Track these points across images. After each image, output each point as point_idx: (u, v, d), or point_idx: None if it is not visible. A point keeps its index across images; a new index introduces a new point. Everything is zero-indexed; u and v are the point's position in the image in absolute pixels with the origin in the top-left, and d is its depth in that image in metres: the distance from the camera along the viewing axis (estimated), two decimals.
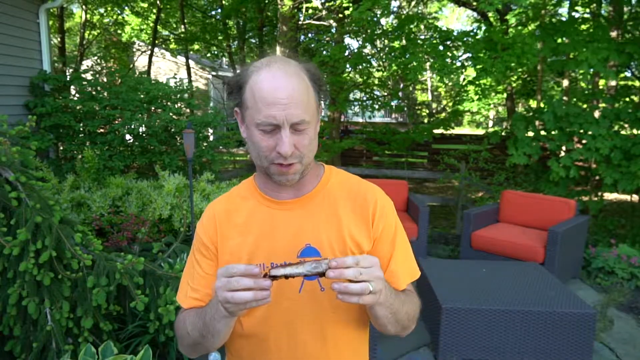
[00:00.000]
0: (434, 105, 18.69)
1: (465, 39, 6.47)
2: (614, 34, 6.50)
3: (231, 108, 1.07)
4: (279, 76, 0.94)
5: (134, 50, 17.23)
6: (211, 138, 6.27)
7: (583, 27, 5.90)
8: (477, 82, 6.37)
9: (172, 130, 5.29)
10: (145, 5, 14.09)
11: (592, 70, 5.06)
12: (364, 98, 10.32)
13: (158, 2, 13.16)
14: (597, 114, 5.51)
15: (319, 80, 1.03)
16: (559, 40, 5.65)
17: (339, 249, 1.03)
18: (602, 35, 5.51)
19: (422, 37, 8.30)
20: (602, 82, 7.53)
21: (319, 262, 0.83)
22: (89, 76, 5.65)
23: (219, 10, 14.41)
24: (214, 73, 17.96)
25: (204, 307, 0.99)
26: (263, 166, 1.00)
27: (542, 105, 7.88)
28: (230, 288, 0.81)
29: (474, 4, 8.89)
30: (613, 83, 6.95)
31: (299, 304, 1.02)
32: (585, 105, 5.89)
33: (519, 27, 7.28)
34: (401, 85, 12.53)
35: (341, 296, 0.82)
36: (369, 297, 0.84)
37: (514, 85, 10.42)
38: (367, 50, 9.33)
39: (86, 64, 14.31)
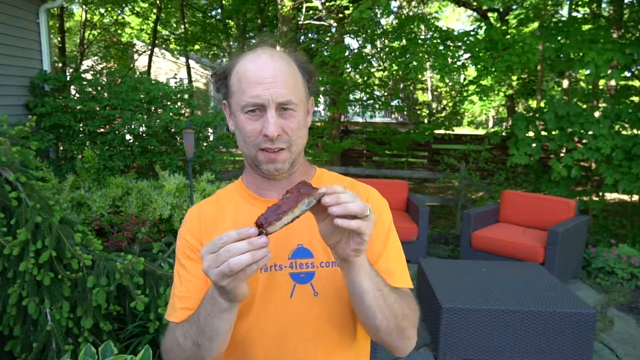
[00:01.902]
0: (434, 105, 18.69)
1: (465, 38, 6.48)
2: (614, 34, 6.50)
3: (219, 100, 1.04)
4: (263, 58, 0.92)
5: (134, 50, 17.23)
6: (211, 138, 6.27)
7: (585, 27, 5.90)
8: (478, 82, 6.37)
9: (172, 130, 5.29)
10: (146, 5, 14.09)
11: (595, 71, 5.05)
12: (364, 98, 10.32)
13: (158, 2, 13.16)
14: (597, 114, 5.52)
15: (309, 70, 0.99)
16: (562, 41, 5.65)
17: None
18: (605, 35, 5.51)
19: (423, 37, 8.31)
20: (602, 82, 7.53)
21: (309, 197, 0.75)
22: (89, 76, 5.65)
23: (219, 11, 14.43)
24: None
25: (196, 310, 0.88)
26: (250, 155, 0.94)
27: (542, 105, 7.88)
28: (222, 260, 0.71)
29: (474, 3, 8.89)
30: (613, 83, 6.95)
31: (291, 309, 0.95)
32: (585, 106, 5.89)
33: (520, 27, 7.28)
34: (401, 85, 12.53)
35: (341, 221, 0.73)
36: (367, 224, 0.75)
37: (514, 85, 10.43)
38: (367, 50, 9.33)
39: (86, 64, 14.31)
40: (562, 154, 5.50)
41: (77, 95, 5.36)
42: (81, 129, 5.11)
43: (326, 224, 0.79)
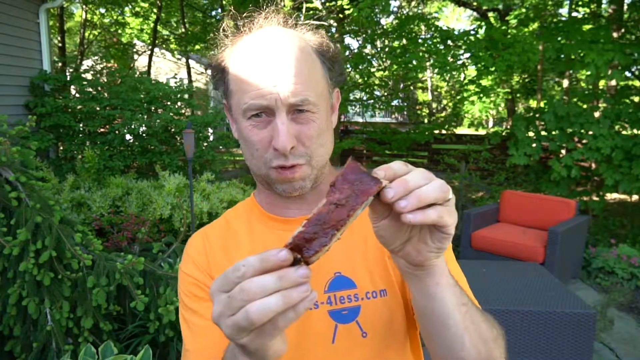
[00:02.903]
0: (434, 105, 18.70)
1: (465, 38, 6.48)
2: (614, 34, 6.50)
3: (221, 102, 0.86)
4: (266, 42, 0.70)
5: (134, 50, 17.25)
6: (211, 138, 6.28)
7: (585, 27, 5.91)
8: (478, 82, 6.38)
9: (172, 130, 5.30)
10: (146, 5, 14.10)
11: (595, 71, 5.06)
12: (364, 98, 10.34)
13: (158, 1, 13.17)
14: (597, 114, 5.52)
15: (330, 55, 0.76)
16: (563, 41, 5.66)
17: (380, 275, 0.76)
18: (605, 35, 5.51)
19: (423, 36, 8.31)
20: (602, 82, 7.53)
21: (368, 198, 0.48)
22: (89, 76, 5.66)
23: (220, 11, 14.43)
24: None
25: None
26: (261, 174, 0.74)
27: (542, 105, 7.89)
28: (237, 306, 0.46)
29: (474, 4, 8.89)
30: (613, 83, 6.95)
31: (335, 357, 0.74)
32: (585, 106, 5.90)
33: (520, 27, 7.28)
34: (401, 85, 12.54)
35: (412, 216, 0.48)
36: (450, 209, 0.51)
37: (515, 85, 10.44)
38: (367, 50, 9.34)
39: (86, 63, 14.32)
40: (562, 154, 5.51)
41: (77, 95, 5.37)
42: (81, 129, 5.11)
43: (387, 224, 0.55)
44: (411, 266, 0.58)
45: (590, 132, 5.09)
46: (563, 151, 5.64)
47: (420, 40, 7.00)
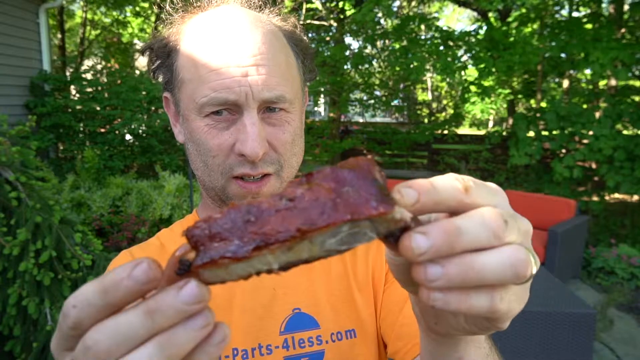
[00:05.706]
0: (434, 105, 18.70)
1: (466, 38, 6.49)
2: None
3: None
4: (235, 22, 0.56)
5: (135, 49, 17.26)
6: None
7: (588, 26, 5.92)
8: (479, 82, 6.38)
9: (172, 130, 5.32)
10: (146, 5, 14.11)
11: (599, 70, 5.06)
12: (365, 98, 10.36)
13: (159, 0, 13.18)
14: (597, 114, 5.53)
15: (303, 45, 0.63)
16: (566, 40, 5.68)
17: (347, 312, 0.63)
18: (608, 35, 5.52)
19: (423, 37, 8.33)
20: (602, 82, 7.53)
21: (349, 208, 0.26)
22: (89, 76, 5.67)
23: None
24: None
25: None
26: (216, 186, 0.59)
27: (543, 105, 7.89)
28: None
29: (474, 5, 8.90)
30: (613, 83, 6.96)
31: None
32: (585, 106, 5.90)
33: (520, 27, 7.30)
34: (402, 86, 12.56)
35: (444, 297, 0.28)
36: (516, 296, 0.31)
37: (515, 85, 10.45)
38: (368, 50, 9.36)
39: (86, 63, 14.34)
40: (562, 154, 5.51)
41: (77, 95, 5.38)
42: (81, 129, 5.12)
43: (401, 263, 0.34)
44: (432, 329, 0.39)
45: (591, 133, 5.09)
46: (564, 150, 5.64)
47: (420, 41, 7.01)
